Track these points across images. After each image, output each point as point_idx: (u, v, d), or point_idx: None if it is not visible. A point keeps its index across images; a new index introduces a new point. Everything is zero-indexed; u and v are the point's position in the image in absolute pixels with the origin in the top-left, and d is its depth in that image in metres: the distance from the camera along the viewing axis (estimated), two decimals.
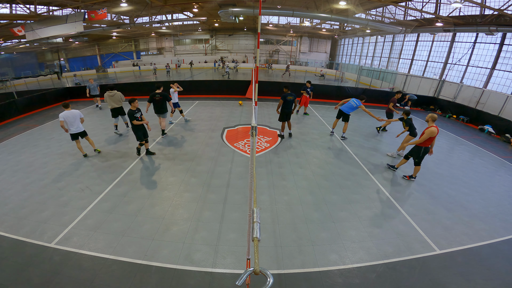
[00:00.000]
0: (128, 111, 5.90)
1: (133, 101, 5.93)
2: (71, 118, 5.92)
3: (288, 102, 7.30)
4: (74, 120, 5.99)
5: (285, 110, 7.42)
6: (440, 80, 15.37)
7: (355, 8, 16.88)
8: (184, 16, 24.32)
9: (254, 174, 1.81)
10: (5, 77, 23.41)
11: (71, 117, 5.92)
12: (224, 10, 17.54)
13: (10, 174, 5.70)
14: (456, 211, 4.78)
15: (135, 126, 6.05)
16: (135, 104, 5.94)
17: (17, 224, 4.10)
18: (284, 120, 7.65)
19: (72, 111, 6.00)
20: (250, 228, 1.50)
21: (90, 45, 34.13)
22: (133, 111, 5.92)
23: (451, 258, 3.66)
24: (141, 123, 6.03)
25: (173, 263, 3.37)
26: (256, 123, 2.42)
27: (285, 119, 7.62)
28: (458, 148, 8.10)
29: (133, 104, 5.93)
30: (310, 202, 4.79)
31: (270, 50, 37.83)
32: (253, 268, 1.25)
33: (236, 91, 13.71)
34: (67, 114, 5.87)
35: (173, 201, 4.70)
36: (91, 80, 11.41)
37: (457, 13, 14.90)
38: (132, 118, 5.89)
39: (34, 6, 15.05)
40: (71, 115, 5.92)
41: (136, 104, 5.95)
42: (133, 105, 5.93)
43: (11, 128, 9.06)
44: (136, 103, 5.95)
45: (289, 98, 7.27)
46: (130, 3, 17.59)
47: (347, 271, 3.36)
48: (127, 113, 5.90)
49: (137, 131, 6.13)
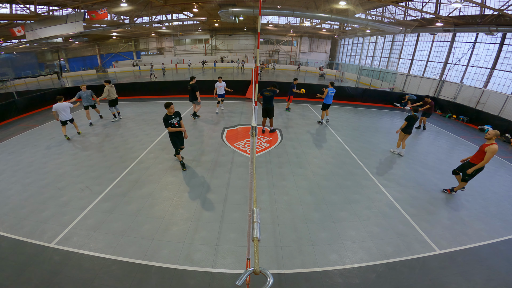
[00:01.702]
0: (164, 116, 5.17)
1: (168, 105, 5.15)
2: (62, 109, 7.27)
3: (265, 97, 7.63)
4: (65, 111, 7.33)
5: (264, 105, 7.80)
6: (440, 80, 15.38)
7: (355, 8, 16.87)
8: (184, 16, 24.33)
9: (254, 174, 1.81)
10: (5, 77, 23.42)
11: (61, 109, 7.26)
12: (224, 10, 17.55)
13: (10, 174, 5.70)
14: (456, 211, 4.78)
15: (171, 133, 5.38)
16: (172, 109, 5.17)
17: (17, 224, 4.10)
18: (264, 116, 8.02)
19: (64, 103, 7.34)
20: (250, 228, 1.50)
21: (90, 45, 34.13)
22: (169, 116, 5.18)
23: (451, 258, 3.66)
24: (177, 130, 5.37)
25: (173, 263, 3.37)
26: (256, 123, 2.42)
27: (265, 115, 7.99)
28: (458, 148, 8.10)
29: (169, 109, 5.16)
30: (310, 202, 4.79)
31: (270, 50, 37.84)
32: (253, 268, 1.25)
33: (236, 91, 13.69)
34: (58, 106, 7.23)
35: (173, 201, 4.70)
36: (83, 87, 8.94)
37: (457, 13, 14.90)
38: (167, 124, 5.17)
39: (34, 6, 15.05)
40: (61, 107, 7.26)
41: (172, 109, 5.18)
42: (169, 110, 5.16)
43: (11, 128, 9.06)
44: (172, 108, 5.18)
45: (266, 94, 7.62)
46: (130, 3, 17.60)
47: (347, 271, 3.36)
48: (163, 119, 5.17)
49: (173, 138, 5.45)
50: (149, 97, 13.54)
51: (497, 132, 4.64)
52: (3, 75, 25.44)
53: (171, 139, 5.53)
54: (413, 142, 8.28)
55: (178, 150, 5.71)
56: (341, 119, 10.48)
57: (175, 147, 5.61)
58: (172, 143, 5.56)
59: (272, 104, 7.82)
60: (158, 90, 13.86)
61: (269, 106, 7.75)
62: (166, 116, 5.19)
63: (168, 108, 5.17)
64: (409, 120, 6.70)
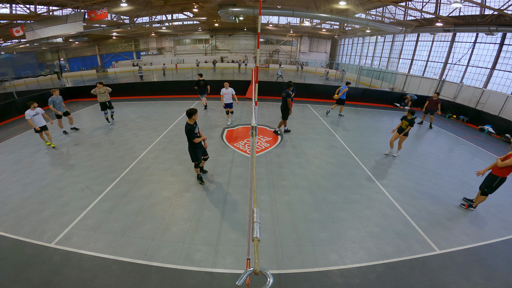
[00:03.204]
0: (186, 126, 4.53)
1: (193, 113, 4.54)
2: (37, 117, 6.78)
3: (282, 98, 7.67)
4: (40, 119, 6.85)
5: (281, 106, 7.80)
6: (440, 80, 15.37)
7: (355, 8, 16.89)
8: (184, 16, 24.34)
9: (254, 174, 1.81)
10: (5, 77, 23.41)
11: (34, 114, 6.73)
12: (224, 10, 17.55)
13: (10, 174, 5.70)
14: (456, 211, 4.78)
15: (195, 145, 4.75)
16: (196, 116, 4.61)
17: (17, 224, 4.10)
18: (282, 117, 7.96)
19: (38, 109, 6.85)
20: (250, 228, 1.50)
21: (90, 45, 34.15)
22: (193, 126, 4.57)
23: (451, 258, 3.66)
24: (201, 139, 4.80)
25: (173, 263, 3.37)
26: (256, 123, 2.42)
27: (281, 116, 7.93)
28: (458, 148, 8.10)
29: (193, 117, 4.57)
30: (310, 202, 4.79)
31: (270, 50, 37.85)
32: (253, 268, 1.25)
33: (236, 91, 13.65)
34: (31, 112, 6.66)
35: (173, 201, 4.70)
36: (55, 92, 7.76)
37: (457, 13, 14.91)
38: (193, 135, 4.57)
39: (34, 6, 15.06)
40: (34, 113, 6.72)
41: (196, 117, 4.61)
42: (193, 118, 4.57)
43: (11, 128, 9.06)
44: (196, 115, 4.60)
45: (282, 95, 7.66)
46: (130, 3, 17.60)
47: (347, 271, 3.36)
48: (187, 129, 4.53)
49: (196, 150, 4.82)
50: (149, 97, 13.54)
51: None
52: (3, 75, 25.44)
53: (194, 151, 4.80)
54: (414, 142, 8.28)
55: (202, 161, 5.11)
56: (341, 119, 10.48)
57: (198, 160, 4.89)
58: (195, 156, 4.83)
59: (286, 105, 7.51)
60: (158, 90, 13.87)
61: (282, 106, 7.72)
62: (190, 126, 4.51)
63: (193, 116, 4.53)
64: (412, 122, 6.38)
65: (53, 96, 7.71)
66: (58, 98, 7.79)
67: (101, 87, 8.55)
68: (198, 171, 5.23)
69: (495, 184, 4.43)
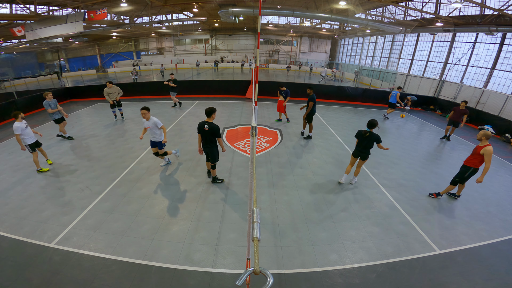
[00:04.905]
0: (214, 126, 4.56)
1: (213, 111, 4.56)
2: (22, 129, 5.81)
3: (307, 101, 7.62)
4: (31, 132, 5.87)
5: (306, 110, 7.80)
6: (440, 80, 15.37)
7: (355, 8, 16.88)
8: (184, 16, 24.33)
9: (254, 174, 1.81)
10: (5, 77, 23.40)
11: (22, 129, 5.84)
12: (224, 10, 17.54)
13: (10, 174, 5.70)
14: (456, 211, 4.78)
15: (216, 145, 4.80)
16: (214, 115, 4.64)
17: (17, 224, 4.09)
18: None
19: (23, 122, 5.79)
20: (250, 228, 1.50)
21: (90, 45, 34.13)
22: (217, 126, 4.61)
23: (451, 258, 3.66)
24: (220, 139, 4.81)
25: (173, 263, 3.37)
26: (256, 123, 2.42)
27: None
28: (458, 148, 8.09)
29: (213, 116, 4.59)
30: (310, 202, 4.79)
31: (270, 50, 37.85)
32: (253, 268, 1.25)
33: (236, 91, 13.72)
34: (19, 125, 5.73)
35: (173, 201, 4.70)
36: (48, 95, 7.12)
37: (457, 13, 14.90)
38: (220, 134, 4.66)
39: (34, 6, 15.06)
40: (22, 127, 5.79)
41: (215, 115, 4.66)
42: (213, 116, 4.60)
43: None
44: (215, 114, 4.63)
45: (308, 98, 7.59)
46: (130, 3, 17.59)
47: (347, 271, 3.36)
48: (215, 129, 4.56)
49: (216, 150, 4.92)
50: (149, 97, 13.55)
51: (486, 132, 4.46)
52: (3, 75, 25.42)
53: (215, 152, 4.88)
54: (413, 142, 8.28)
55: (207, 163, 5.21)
56: (341, 119, 10.48)
57: (216, 160, 5.04)
58: (215, 156, 4.94)
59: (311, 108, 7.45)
60: (158, 90, 13.87)
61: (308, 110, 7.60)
62: (216, 125, 4.59)
63: (213, 114, 4.55)
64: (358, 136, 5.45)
65: (46, 100, 7.09)
66: (53, 102, 7.19)
67: (112, 86, 9.04)
68: (214, 173, 5.23)
69: (467, 175, 4.79)
